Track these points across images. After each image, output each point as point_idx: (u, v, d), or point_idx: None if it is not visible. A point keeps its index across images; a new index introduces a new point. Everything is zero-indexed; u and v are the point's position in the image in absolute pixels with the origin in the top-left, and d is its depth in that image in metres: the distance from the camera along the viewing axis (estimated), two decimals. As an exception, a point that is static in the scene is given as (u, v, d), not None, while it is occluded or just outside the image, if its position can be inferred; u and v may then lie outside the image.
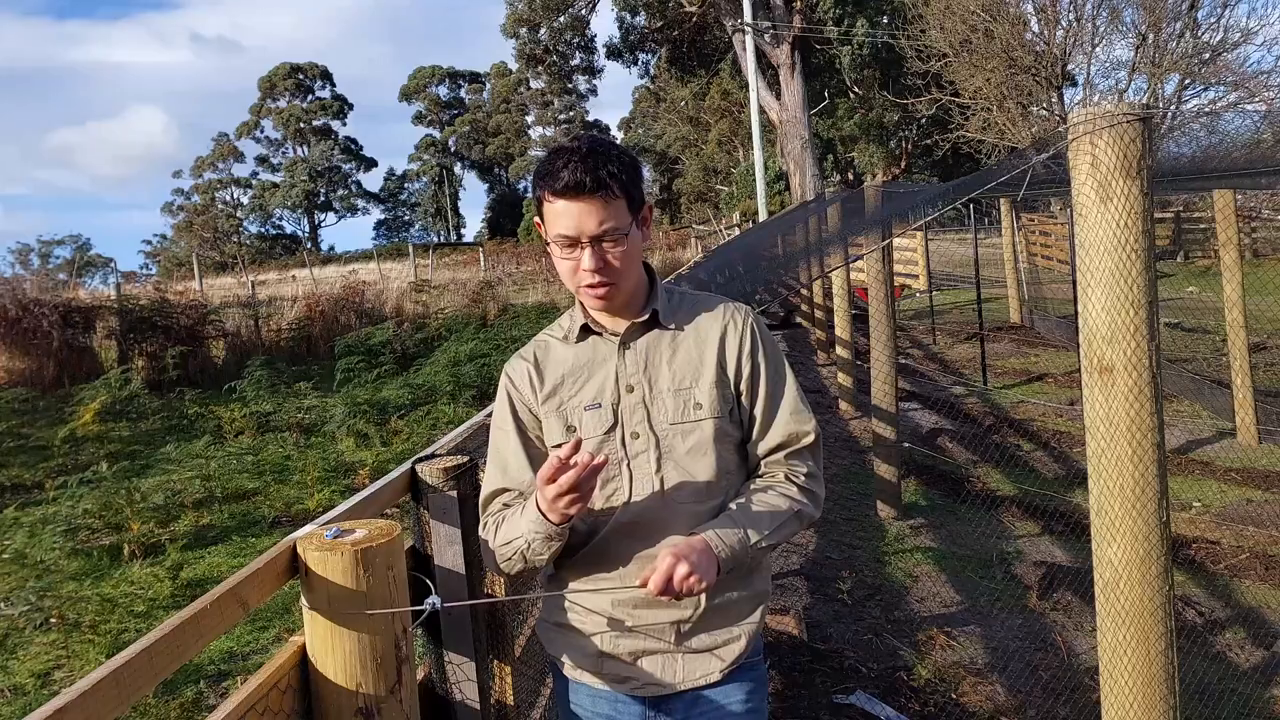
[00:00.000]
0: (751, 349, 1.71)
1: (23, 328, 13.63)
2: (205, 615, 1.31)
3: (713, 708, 1.71)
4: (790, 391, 1.73)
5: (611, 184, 1.58)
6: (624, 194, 1.61)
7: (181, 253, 61.39)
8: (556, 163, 1.59)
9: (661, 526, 1.65)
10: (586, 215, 1.59)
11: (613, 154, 1.61)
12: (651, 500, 1.66)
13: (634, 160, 1.66)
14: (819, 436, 1.74)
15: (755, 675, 1.76)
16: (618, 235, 1.61)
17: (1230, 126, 19.36)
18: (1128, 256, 1.95)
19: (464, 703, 1.96)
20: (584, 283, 1.63)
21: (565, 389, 1.71)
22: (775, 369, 1.73)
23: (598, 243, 1.60)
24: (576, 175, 1.57)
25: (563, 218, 1.60)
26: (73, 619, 5.16)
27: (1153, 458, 1.99)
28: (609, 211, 1.59)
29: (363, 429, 9.09)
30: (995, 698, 3.74)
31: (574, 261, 1.62)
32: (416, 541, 1.96)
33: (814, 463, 1.74)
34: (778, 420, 1.71)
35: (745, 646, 1.71)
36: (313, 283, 23.39)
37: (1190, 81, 19.85)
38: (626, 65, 37.01)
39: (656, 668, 1.69)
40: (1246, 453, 7.11)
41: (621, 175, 1.60)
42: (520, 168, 67.77)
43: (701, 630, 1.69)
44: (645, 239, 1.71)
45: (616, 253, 1.62)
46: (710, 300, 1.78)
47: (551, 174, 1.59)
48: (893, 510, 6.00)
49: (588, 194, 1.57)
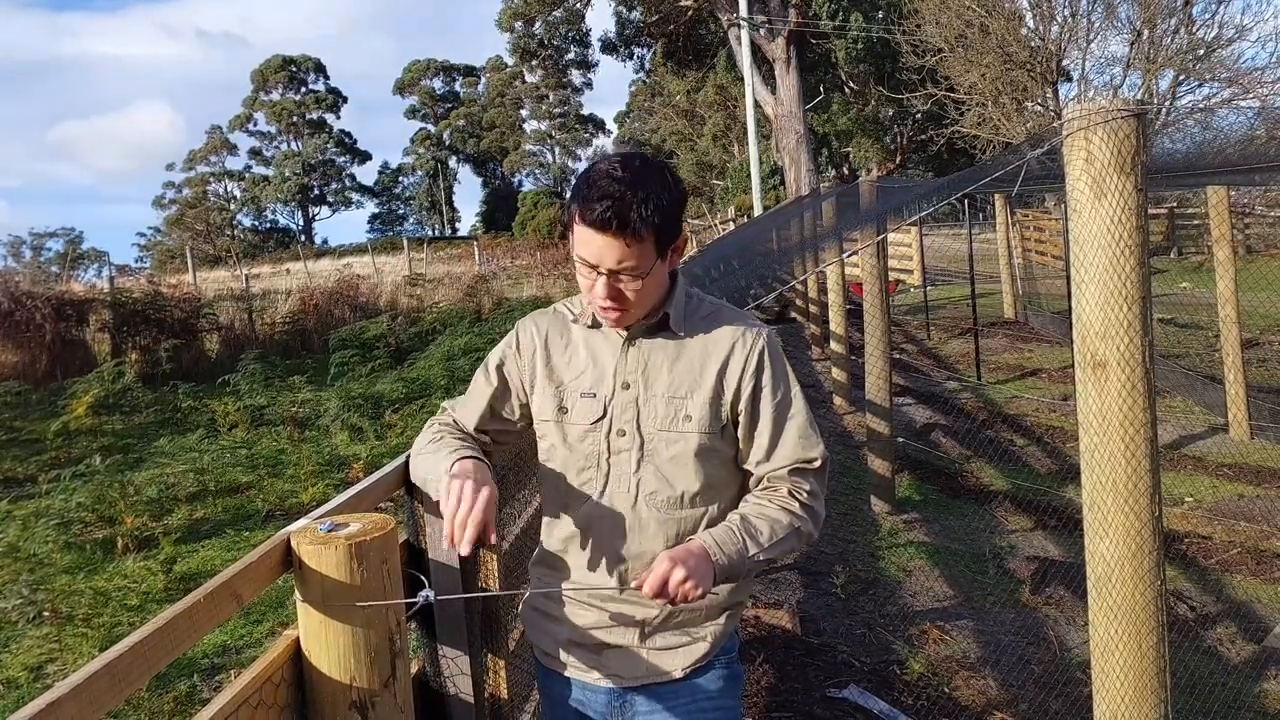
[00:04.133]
0: (756, 369, 1.68)
1: (15, 321, 13.57)
2: (199, 609, 1.31)
3: (678, 701, 1.73)
4: (799, 416, 1.70)
5: (641, 227, 1.55)
6: (653, 235, 1.57)
7: (174, 246, 61.20)
8: (594, 190, 1.56)
9: (629, 528, 1.66)
10: (608, 250, 1.57)
11: (653, 191, 1.56)
12: (624, 500, 1.66)
13: (677, 195, 1.61)
14: (826, 461, 1.72)
15: (726, 672, 1.76)
16: (636, 274, 1.59)
17: (1224, 123, 19.39)
18: (1122, 252, 1.96)
19: (458, 696, 1.96)
20: (598, 305, 1.64)
21: (567, 370, 1.73)
22: (782, 393, 1.70)
23: (615, 275, 1.59)
24: (607, 214, 1.54)
25: (587, 244, 1.59)
26: (66, 612, 5.15)
27: (1145, 453, 2.00)
28: (631, 251, 1.57)
29: (357, 423, 9.07)
30: (988, 692, 3.76)
31: (591, 281, 1.62)
32: (411, 536, 1.96)
33: (818, 484, 1.72)
34: (783, 444, 1.69)
35: (711, 645, 1.73)
36: (306, 276, 23.35)
37: (1185, 78, 19.87)
38: (622, 59, 36.99)
39: (621, 660, 1.72)
40: (1239, 448, 7.14)
41: (654, 217, 1.56)
42: (515, 162, 67.71)
43: (665, 630, 1.71)
44: (673, 265, 1.69)
45: (633, 287, 1.60)
46: (730, 315, 1.74)
47: (586, 200, 1.56)
48: (886, 505, 6.01)
49: (613, 233, 1.55)
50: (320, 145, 68.47)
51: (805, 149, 28.53)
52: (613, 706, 1.74)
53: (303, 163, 67.56)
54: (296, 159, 67.83)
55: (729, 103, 40.26)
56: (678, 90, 43.71)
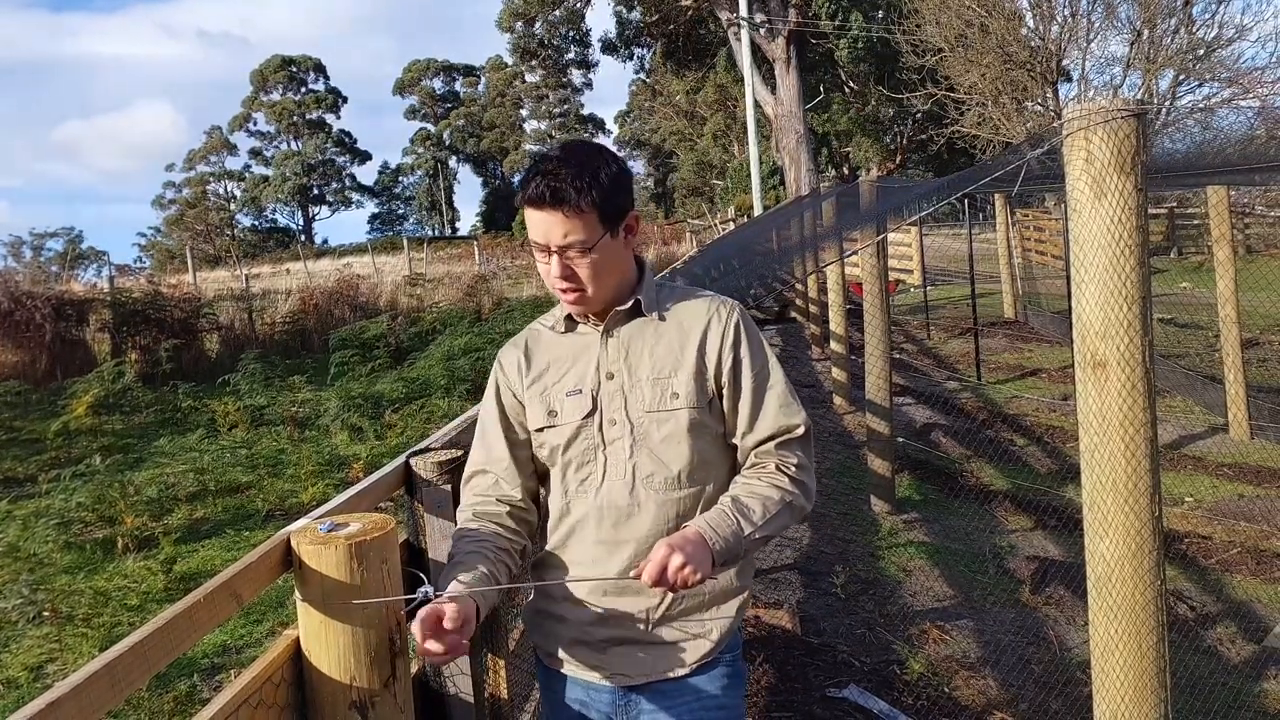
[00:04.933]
0: (734, 342, 1.71)
1: (15, 320, 13.57)
2: (199, 609, 1.31)
3: (682, 700, 1.71)
4: (778, 385, 1.73)
5: (578, 200, 1.58)
6: (594, 209, 1.60)
7: (174, 246, 61.21)
8: (531, 171, 1.62)
9: (631, 513, 1.67)
10: (550, 226, 1.61)
11: (588, 166, 1.61)
12: (623, 486, 1.67)
13: (616, 172, 1.65)
14: (809, 429, 1.74)
15: (730, 671, 1.75)
16: (582, 248, 1.62)
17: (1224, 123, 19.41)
18: (1122, 252, 1.96)
19: (458, 696, 1.97)
20: (555, 286, 1.67)
21: (550, 375, 1.75)
22: (760, 363, 1.73)
23: (563, 252, 1.62)
24: (539, 188, 1.59)
25: (532, 226, 1.64)
26: (66, 612, 5.15)
27: (1145, 453, 2.00)
28: (572, 225, 1.60)
29: (357, 423, 9.07)
30: (988, 691, 3.76)
31: (547, 265, 1.66)
32: (411, 535, 1.96)
33: (804, 454, 1.74)
34: (765, 413, 1.71)
35: (717, 641, 1.71)
36: (306, 276, 23.36)
37: (1185, 78, 19.87)
38: (622, 60, 36.96)
39: (625, 657, 1.71)
40: (1238, 448, 7.14)
41: (591, 190, 1.59)
42: (515, 162, 67.64)
43: (670, 622, 1.69)
44: (628, 246, 1.71)
45: (583, 263, 1.63)
46: (699, 294, 1.79)
47: (525, 181, 1.63)
48: (886, 505, 6.01)
49: (549, 206, 1.59)
50: (320, 145, 68.44)
51: (805, 149, 28.53)
52: (616, 706, 1.73)
53: (303, 163, 67.55)
54: (296, 159, 67.81)
55: (729, 103, 40.27)
56: (678, 90, 43.74)
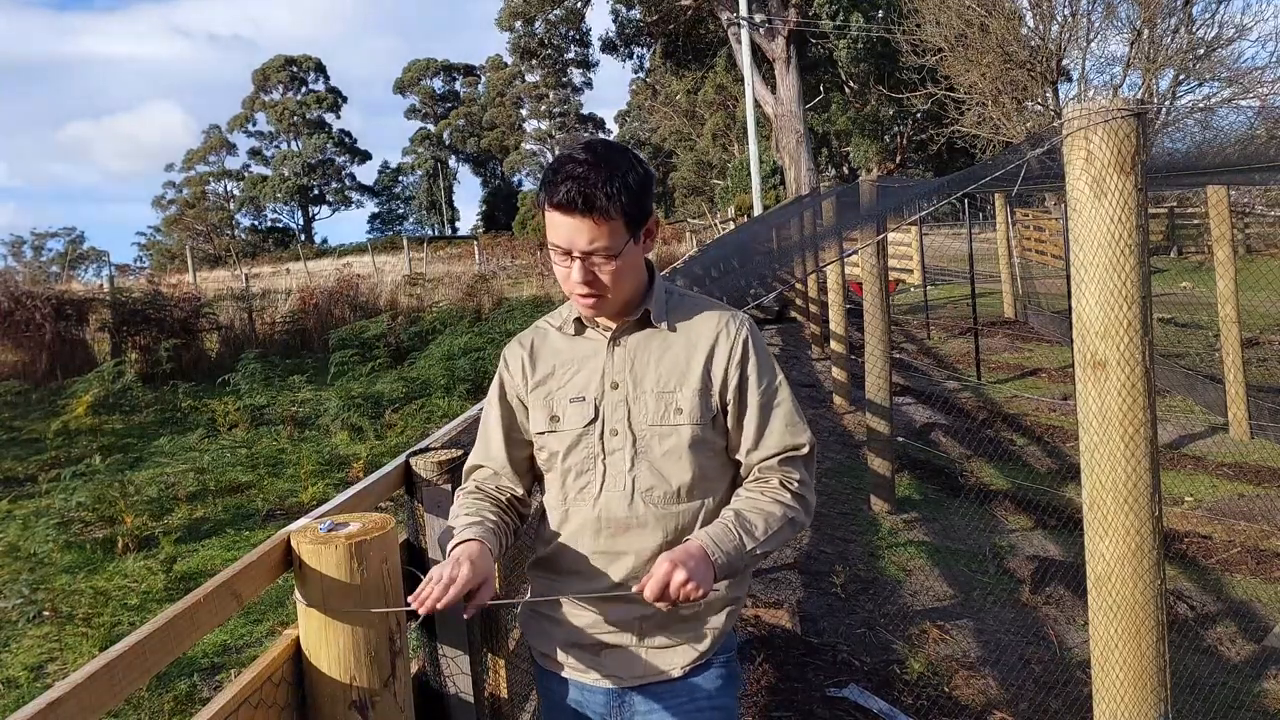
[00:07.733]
0: (742, 359, 1.69)
1: (15, 320, 13.57)
2: (199, 608, 1.31)
3: (676, 700, 1.72)
4: (784, 404, 1.72)
5: (608, 206, 1.57)
6: (621, 214, 1.59)
7: (174, 246, 61.19)
8: (559, 174, 1.59)
9: (630, 525, 1.67)
10: (578, 232, 1.59)
11: (618, 172, 1.58)
12: (622, 498, 1.67)
13: (643, 176, 1.63)
14: (814, 447, 1.74)
15: (724, 672, 1.76)
16: (608, 254, 1.60)
17: (1224, 122, 19.41)
18: (1121, 252, 1.96)
19: (458, 696, 1.97)
20: (575, 291, 1.65)
21: (555, 379, 1.73)
22: (768, 381, 1.71)
23: (588, 258, 1.60)
24: (571, 194, 1.56)
25: (557, 229, 1.61)
26: (66, 612, 5.15)
27: (1145, 452, 2.00)
28: (601, 231, 1.58)
29: (357, 422, 9.07)
30: (988, 691, 3.76)
31: (566, 268, 1.63)
32: (411, 535, 1.96)
33: (807, 471, 1.73)
34: (770, 432, 1.70)
35: (710, 644, 1.72)
36: (306, 276, 23.35)
37: (1184, 77, 19.88)
38: (621, 59, 37.04)
39: (619, 660, 1.71)
40: (1238, 448, 7.14)
41: (621, 196, 1.58)
42: (515, 161, 67.64)
43: (663, 629, 1.70)
44: (646, 249, 1.69)
45: (607, 269, 1.62)
46: (709, 305, 1.77)
47: (552, 184, 1.59)
48: (886, 504, 6.01)
49: (580, 213, 1.57)
50: (320, 145, 68.40)
51: (805, 148, 28.53)
52: (611, 707, 1.74)
53: (303, 162, 67.52)
54: (296, 158, 67.79)
55: (729, 102, 40.24)
56: (677, 90, 43.70)
